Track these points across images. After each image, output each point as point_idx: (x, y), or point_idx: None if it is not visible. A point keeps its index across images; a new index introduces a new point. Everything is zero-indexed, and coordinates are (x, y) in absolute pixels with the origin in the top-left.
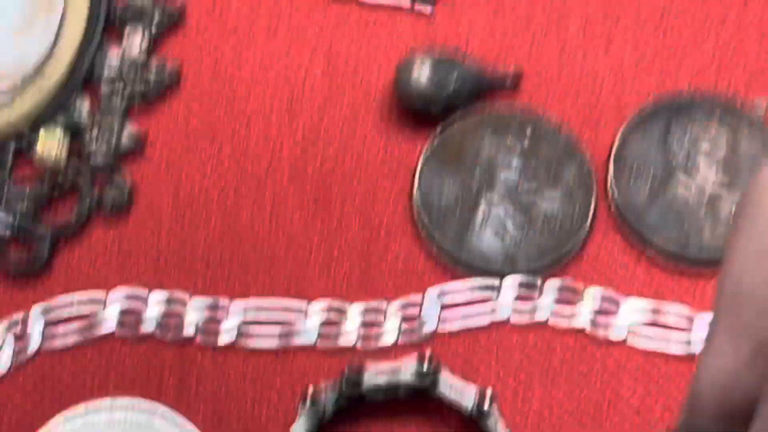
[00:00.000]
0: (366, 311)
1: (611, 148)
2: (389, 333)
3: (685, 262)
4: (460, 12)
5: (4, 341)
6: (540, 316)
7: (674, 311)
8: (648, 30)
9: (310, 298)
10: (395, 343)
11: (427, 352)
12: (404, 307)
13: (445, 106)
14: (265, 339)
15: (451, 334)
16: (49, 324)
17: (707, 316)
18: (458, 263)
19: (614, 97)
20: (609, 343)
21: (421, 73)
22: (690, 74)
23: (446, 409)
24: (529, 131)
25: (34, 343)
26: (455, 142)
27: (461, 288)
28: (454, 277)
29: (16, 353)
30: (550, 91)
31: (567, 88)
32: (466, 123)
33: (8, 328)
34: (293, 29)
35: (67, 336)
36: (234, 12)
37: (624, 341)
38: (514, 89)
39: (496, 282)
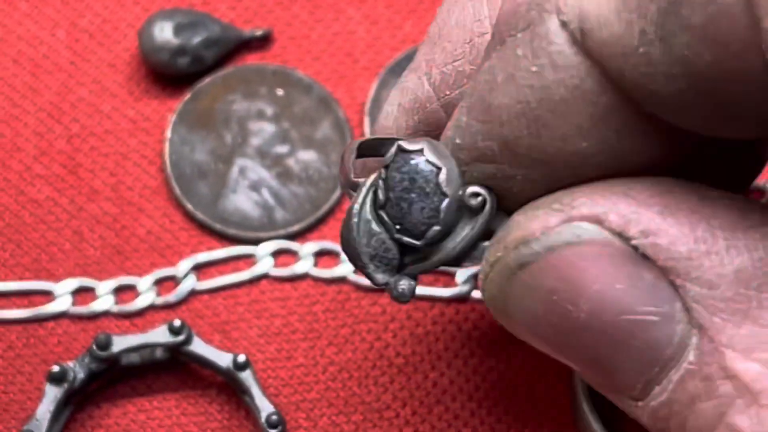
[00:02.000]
0: (118, 289)
1: (366, 101)
2: (142, 305)
3: None
4: None
5: None
6: (299, 273)
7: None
8: None
9: (59, 278)
10: (150, 307)
11: (181, 317)
12: (158, 281)
13: (192, 66)
14: (14, 315)
15: (209, 293)
16: None
17: (469, 270)
18: (214, 229)
19: (370, 52)
20: (373, 291)
21: (163, 33)
22: None
23: (204, 368)
24: (280, 90)
25: None
26: (205, 105)
27: (216, 258)
28: (211, 243)
29: None
30: (303, 50)
31: (320, 46)
32: (216, 85)
33: None
34: (32, 4)
35: None
36: None
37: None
38: (264, 48)
39: (252, 250)
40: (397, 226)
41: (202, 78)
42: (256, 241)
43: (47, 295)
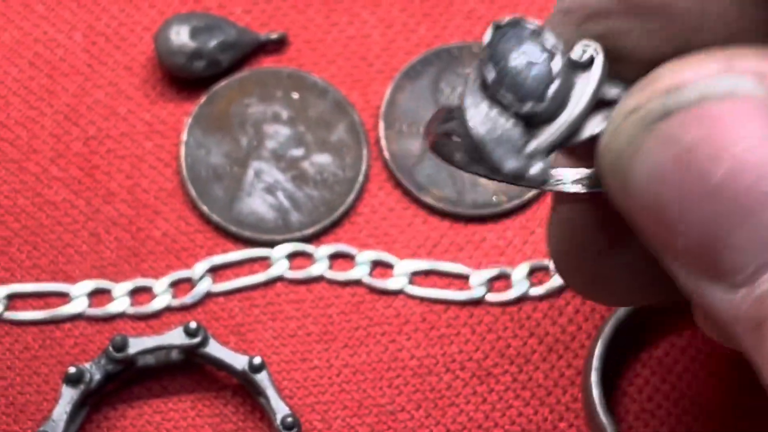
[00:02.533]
0: (134, 291)
1: (381, 104)
2: (158, 307)
3: (460, 218)
4: None
5: None
6: (314, 276)
7: (451, 271)
8: None
9: (76, 279)
10: (166, 309)
11: (197, 319)
12: (174, 283)
13: (208, 69)
14: (31, 317)
15: (225, 295)
16: None
17: (483, 273)
18: (229, 232)
19: (384, 55)
20: (387, 294)
21: (180, 37)
22: (458, 29)
23: (219, 370)
24: (296, 93)
25: None
26: (221, 109)
27: (232, 260)
28: (227, 245)
29: None
30: (318, 53)
31: (335, 50)
32: (231, 88)
33: None
34: (49, 7)
35: None
36: None
37: (402, 291)
38: (279, 52)
39: (267, 252)
40: (516, 98)
41: (218, 81)
42: (271, 244)
43: (63, 297)
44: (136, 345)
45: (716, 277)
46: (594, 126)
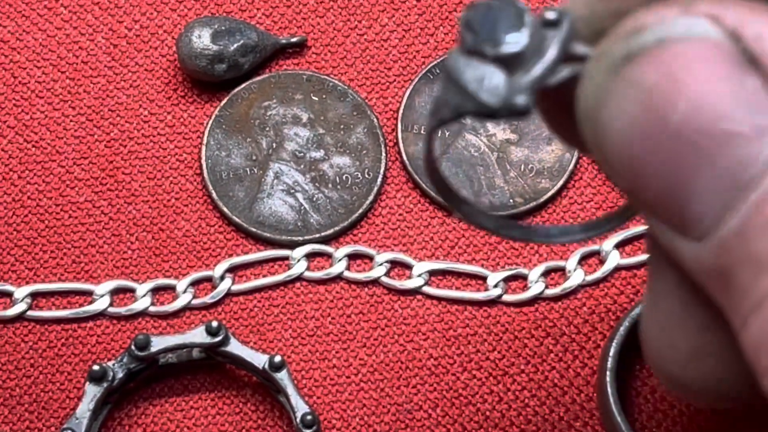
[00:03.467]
0: (155, 290)
1: (399, 107)
2: (179, 306)
3: None
4: None
5: None
6: (332, 276)
7: (468, 271)
8: None
9: (98, 279)
10: (187, 308)
11: (217, 318)
12: (195, 282)
13: (229, 72)
14: (54, 315)
15: (245, 294)
16: None
17: (499, 274)
18: (249, 232)
19: (403, 59)
20: (405, 294)
21: (201, 40)
22: None
23: (240, 369)
24: (315, 95)
25: None
26: (241, 111)
27: (252, 260)
28: (247, 246)
29: None
30: (337, 57)
31: (354, 53)
32: (252, 91)
33: None
34: (72, 10)
35: None
36: None
37: (420, 291)
38: (299, 55)
39: (286, 253)
40: (492, 43)
41: (239, 84)
42: (290, 245)
43: (86, 296)
44: (158, 344)
45: (684, 229)
46: (565, 72)
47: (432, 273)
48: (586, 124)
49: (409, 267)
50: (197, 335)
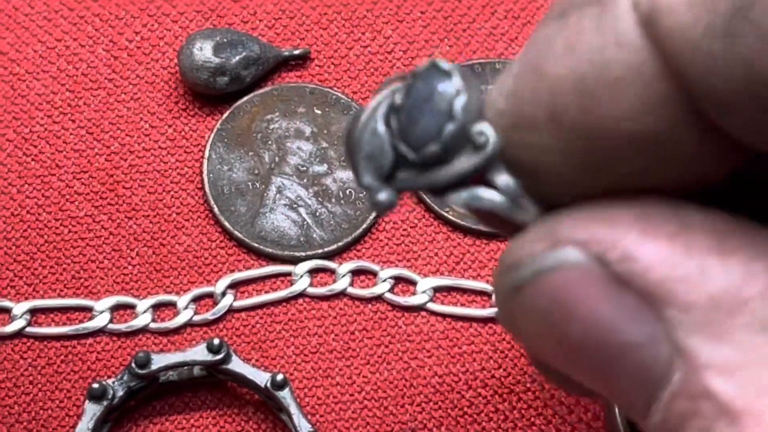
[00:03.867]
0: (156, 306)
1: None
2: (181, 323)
3: (483, 235)
4: None
5: None
6: (336, 292)
7: (473, 287)
8: (436, 4)
9: (98, 295)
10: (188, 325)
11: (219, 335)
12: (196, 298)
13: (231, 85)
14: (53, 332)
15: (247, 311)
16: None
17: None
18: (251, 248)
19: (407, 71)
20: (409, 311)
21: (203, 53)
22: (481, 46)
23: (242, 386)
24: (318, 109)
25: None
26: (244, 124)
27: (254, 276)
28: (249, 261)
29: None
30: (340, 69)
31: (358, 66)
32: (254, 104)
33: None
34: (71, 22)
35: None
36: (11, 7)
37: (424, 307)
38: (302, 67)
39: (289, 269)
40: (401, 134)
41: (241, 97)
42: (293, 260)
43: (86, 312)
44: (159, 361)
45: (627, 409)
46: (455, 198)
47: (436, 289)
48: (510, 333)
49: (413, 283)
50: (198, 353)
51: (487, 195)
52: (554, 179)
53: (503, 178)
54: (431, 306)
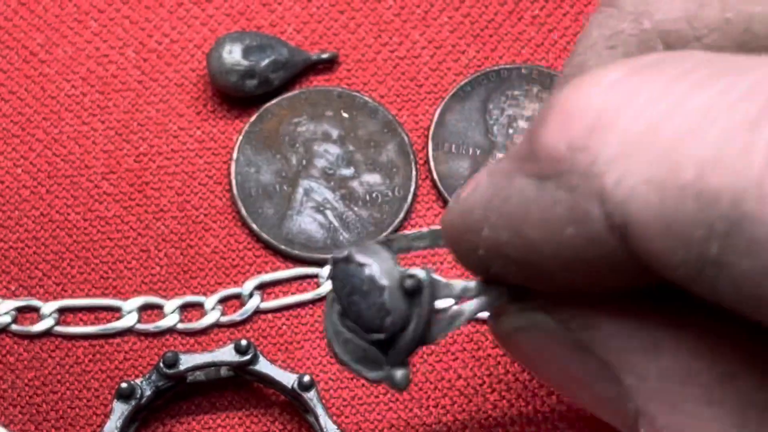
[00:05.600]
0: (184, 307)
1: (430, 125)
2: (208, 324)
3: None
4: (274, 1)
5: None
6: None
7: None
8: (464, 9)
9: (126, 295)
10: (215, 325)
11: (246, 336)
12: (223, 300)
13: (259, 88)
14: (82, 331)
15: (273, 312)
16: None
17: None
18: (278, 250)
19: (434, 76)
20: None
21: (232, 56)
22: (507, 51)
23: (268, 387)
24: (346, 112)
25: None
26: (271, 127)
27: (281, 278)
28: (276, 263)
29: None
30: (368, 73)
31: (385, 70)
32: (282, 107)
33: None
34: (101, 23)
35: None
36: (41, 8)
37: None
38: (330, 71)
39: (316, 271)
40: (361, 328)
41: (269, 100)
42: (319, 262)
43: (114, 312)
44: (186, 361)
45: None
46: (439, 331)
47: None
48: None
49: None
50: (226, 353)
51: (463, 309)
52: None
53: (464, 286)
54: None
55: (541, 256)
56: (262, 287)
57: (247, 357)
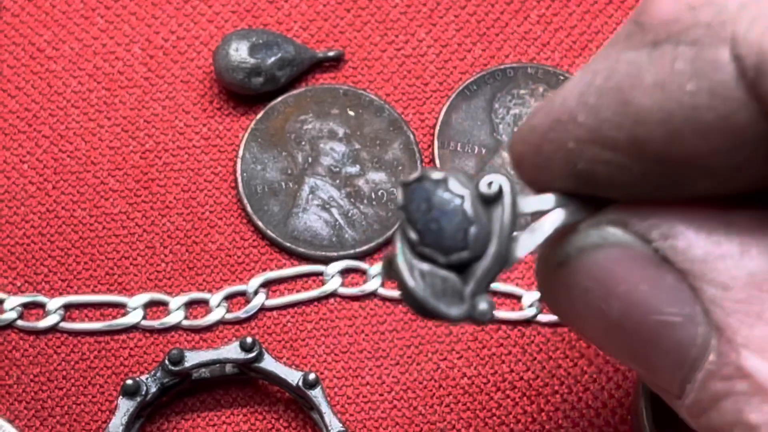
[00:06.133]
0: (189, 303)
1: (435, 123)
2: (213, 321)
3: None
4: None
5: None
6: (367, 293)
7: (503, 290)
8: (470, 8)
9: (132, 291)
10: (220, 322)
11: (251, 333)
12: (228, 297)
13: (265, 85)
14: (87, 327)
15: (278, 309)
16: None
17: (535, 294)
18: (284, 247)
19: (440, 74)
20: None
21: (239, 53)
22: (513, 50)
23: (273, 384)
24: (352, 110)
25: None
26: (277, 124)
27: (286, 275)
28: (281, 260)
29: None
30: (374, 71)
31: (391, 68)
32: (288, 104)
33: None
34: (108, 20)
35: None
36: (48, 4)
37: None
38: (336, 69)
39: (321, 268)
40: (441, 252)
41: (275, 97)
42: (325, 260)
43: (120, 308)
44: (192, 358)
45: (661, 390)
46: (522, 248)
47: None
48: (550, 309)
49: None
50: (231, 351)
51: (544, 222)
52: (620, 189)
53: (541, 200)
54: None
55: (648, 128)
56: (267, 285)
57: (253, 354)
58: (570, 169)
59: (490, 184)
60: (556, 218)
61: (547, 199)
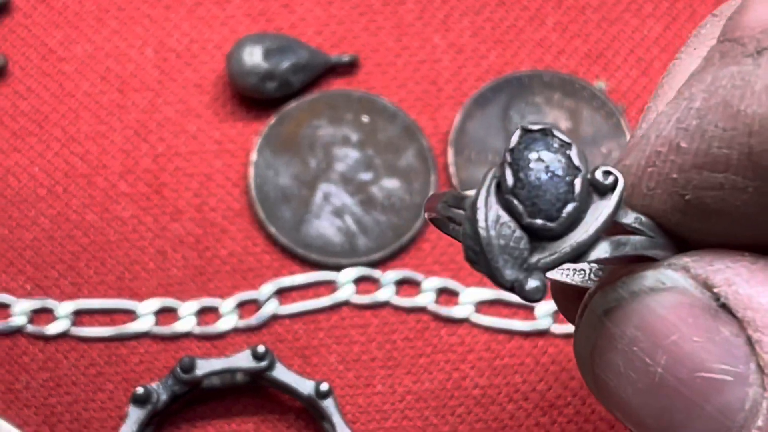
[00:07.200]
0: (200, 310)
1: (449, 130)
2: (224, 328)
3: None
4: (294, 2)
5: None
6: (380, 301)
7: (515, 300)
8: (485, 14)
9: (142, 297)
10: (232, 330)
11: (262, 341)
12: (240, 304)
13: (279, 90)
14: (97, 333)
15: (290, 317)
16: None
17: (549, 304)
18: (296, 254)
19: (454, 81)
20: (452, 322)
21: (253, 58)
22: (528, 57)
23: (284, 393)
24: (366, 116)
25: None
26: (291, 130)
27: (298, 283)
28: (293, 267)
29: None
30: (388, 77)
31: (405, 74)
32: (302, 109)
33: None
34: (121, 21)
35: None
36: (61, 5)
37: (467, 319)
38: (350, 74)
39: (333, 276)
40: (529, 210)
41: (289, 102)
42: (337, 267)
43: (130, 314)
44: (203, 367)
45: None
46: (599, 251)
47: (480, 301)
48: (583, 371)
49: (456, 294)
50: (243, 359)
51: (630, 239)
52: (732, 219)
53: (637, 217)
54: (474, 318)
55: (764, 136)
56: (279, 292)
57: (264, 363)
58: (673, 204)
59: (606, 173)
60: (642, 242)
61: (646, 220)
